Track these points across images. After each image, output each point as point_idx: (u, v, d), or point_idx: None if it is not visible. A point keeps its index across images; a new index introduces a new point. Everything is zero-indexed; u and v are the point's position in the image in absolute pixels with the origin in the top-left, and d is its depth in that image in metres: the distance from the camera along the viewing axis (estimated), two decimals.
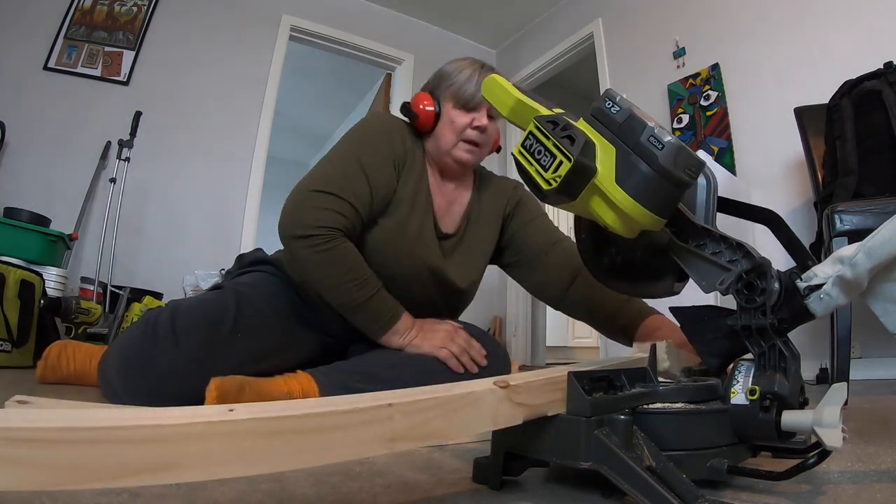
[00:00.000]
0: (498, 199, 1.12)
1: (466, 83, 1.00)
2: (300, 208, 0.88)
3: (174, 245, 2.74)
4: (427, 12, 3.77)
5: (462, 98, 1.00)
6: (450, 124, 1.01)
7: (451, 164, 1.04)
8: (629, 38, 3.03)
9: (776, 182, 2.21)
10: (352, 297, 0.89)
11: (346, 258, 0.89)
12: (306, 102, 5.04)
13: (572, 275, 1.02)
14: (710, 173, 0.55)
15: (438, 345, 0.92)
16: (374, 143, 0.97)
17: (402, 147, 1.00)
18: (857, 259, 0.45)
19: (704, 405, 0.49)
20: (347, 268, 0.88)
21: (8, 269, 1.52)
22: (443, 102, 1.02)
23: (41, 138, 2.50)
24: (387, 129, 1.00)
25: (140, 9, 2.85)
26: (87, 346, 1.14)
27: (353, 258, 0.90)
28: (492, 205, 1.11)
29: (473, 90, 0.99)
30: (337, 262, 0.88)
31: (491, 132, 1.04)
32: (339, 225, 0.88)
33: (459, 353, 0.92)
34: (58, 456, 0.25)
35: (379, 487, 0.46)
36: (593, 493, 0.45)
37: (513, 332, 3.61)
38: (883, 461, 0.58)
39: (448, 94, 1.02)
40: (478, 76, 1.00)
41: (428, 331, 0.94)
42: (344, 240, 0.89)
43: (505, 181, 1.17)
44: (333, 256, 0.87)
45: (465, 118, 1.00)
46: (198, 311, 0.88)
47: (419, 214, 0.99)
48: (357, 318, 0.91)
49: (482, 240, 1.09)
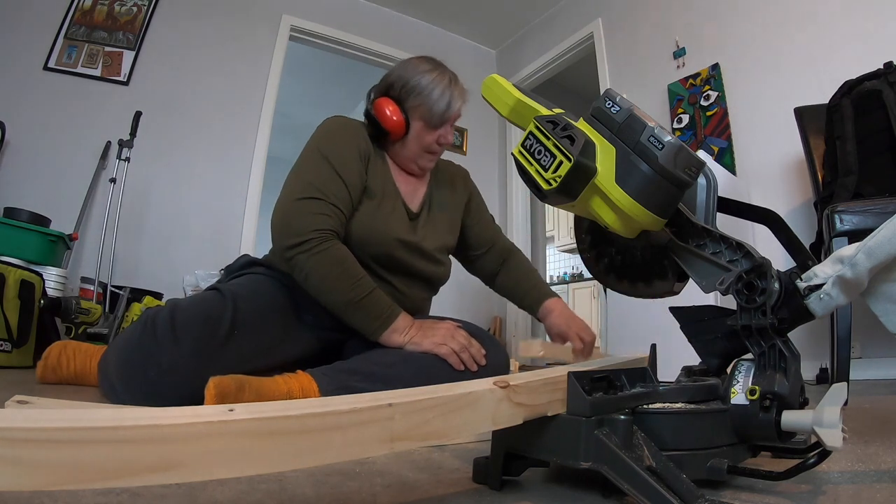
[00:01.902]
0: (454, 182, 1.22)
1: (438, 101, 1.04)
2: (289, 218, 0.92)
3: (174, 245, 2.73)
4: (427, 12, 3.77)
5: (433, 119, 1.05)
6: (417, 139, 1.07)
7: (414, 170, 1.12)
8: (629, 38, 3.03)
9: (776, 182, 2.21)
10: (350, 295, 0.90)
11: (341, 258, 0.92)
12: (306, 102, 5.04)
13: (499, 267, 1.26)
14: (710, 173, 0.55)
15: (438, 342, 0.92)
16: (337, 143, 1.02)
17: (364, 142, 1.05)
18: (857, 259, 0.45)
19: (704, 405, 0.49)
20: (343, 267, 0.91)
21: (8, 269, 1.52)
22: (412, 117, 1.06)
23: (41, 138, 2.50)
24: (346, 128, 1.06)
25: (140, 9, 2.85)
26: (86, 346, 1.14)
27: (347, 257, 0.93)
28: (447, 184, 1.21)
29: (444, 109, 1.05)
30: (334, 263, 0.90)
31: (450, 139, 1.11)
32: (329, 226, 0.92)
33: (460, 350, 0.92)
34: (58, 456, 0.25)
35: (379, 487, 0.46)
36: (593, 493, 0.45)
37: (513, 332, 3.61)
38: (883, 461, 0.58)
39: (418, 113, 1.05)
40: (450, 94, 1.05)
41: (428, 328, 0.94)
42: (336, 241, 0.93)
43: (452, 165, 1.27)
44: (329, 257, 0.90)
45: (432, 136, 1.07)
46: (196, 310, 0.88)
47: (390, 199, 1.06)
48: (356, 318, 0.92)
49: (444, 212, 1.17)
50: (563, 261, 6.48)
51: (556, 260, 6.48)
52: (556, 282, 6.17)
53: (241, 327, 0.89)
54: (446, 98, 1.04)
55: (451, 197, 1.20)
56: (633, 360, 0.72)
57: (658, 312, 0.95)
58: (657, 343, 0.65)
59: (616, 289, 0.66)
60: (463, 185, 1.25)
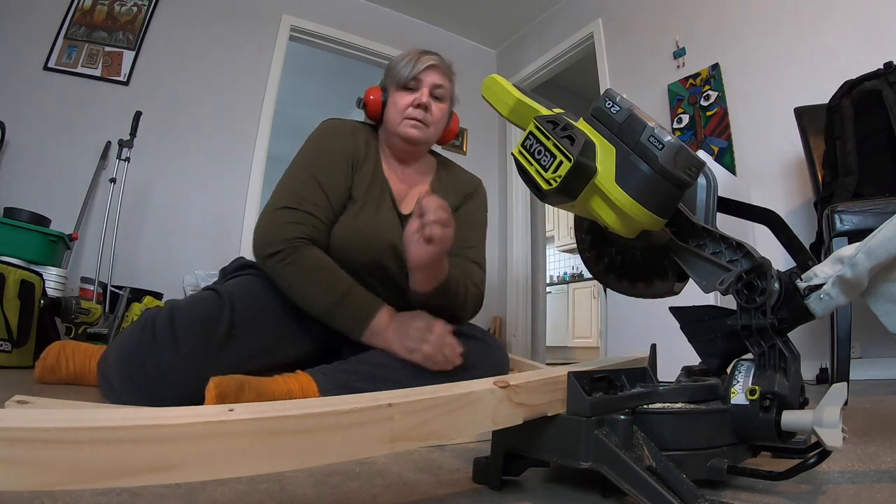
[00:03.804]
0: (461, 186, 1.18)
1: (404, 66, 1.06)
2: (266, 228, 0.94)
3: (174, 245, 2.73)
4: (427, 12, 3.77)
5: (401, 80, 1.06)
6: (394, 106, 1.07)
7: (400, 144, 1.08)
8: (629, 38, 3.03)
9: (776, 182, 2.21)
10: (326, 301, 0.90)
11: (313, 265, 0.92)
12: (306, 102, 5.04)
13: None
14: (710, 173, 0.55)
15: (411, 347, 0.88)
16: (322, 147, 1.04)
17: (352, 144, 1.05)
18: (857, 259, 0.45)
19: (704, 405, 0.49)
20: (316, 274, 0.91)
21: (8, 269, 1.52)
22: (389, 90, 1.09)
23: (41, 138, 2.50)
24: (334, 132, 1.06)
25: (140, 9, 2.85)
26: (85, 346, 1.14)
27: (319, 263, 0.92)
28: (454, 186, 1.17)
29: (409, 70, 1.06)
30: (305, 270, 0.91)
31: (436, 112, 1.08)
32: (300, 234, 0.93)
33: (433, 354, 0.88)
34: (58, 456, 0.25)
35: (379, 487, 0.46)
36: (593, 493, 0.45)
37: (513, 333, 3.61)
38: (883, 461, 0.58)
39: (390, 79, 1.09)
40: (415, 59, 1.07)
41: (403, 330, 0.90)
42: (308, 246, 0.93)
43: (471, 175, 1.24)
44: (300, 264, 0.91)
45: (406, 98, 1.06)
46: (195, 311, 0.88)
47: (374, 200, 1.04)
48: (336, 322, 0.91)
49: None
50: (563, 261, 6.48)
51: (556, 260, 6.48)
52: (556, 282, 6.17)
53: (239, 327, 0.89)
54: (412, 63, 1.06)
55: (454, 193, 1.16)
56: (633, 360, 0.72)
57: (658, 312, 0.95)
58: (657, 343, 0.65)
59: (616, 289, 0.66)
60: (466, 190, 1.18)
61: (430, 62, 1.07)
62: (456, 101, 1.15)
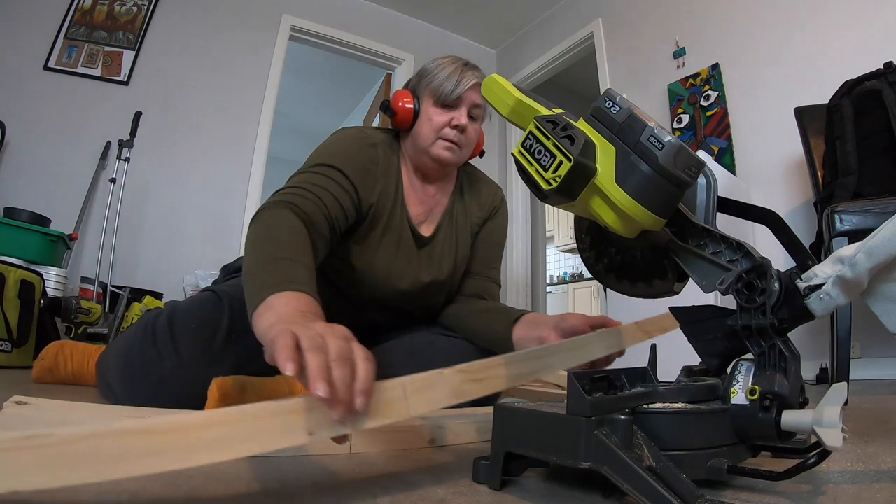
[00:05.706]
0: (484, 201, 1.13)
1: (446, 81, 0.98)
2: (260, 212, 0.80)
3: (174, 245, 2.74)
4: (427, 12, 3.77)
5: (441, 96, 0.98)
6: (428, 122, 0.99)
7: (430, 164, 1.01)
8: (629, 38, 3.03)
9: (776, 182, 2.21)
10: (254, 257, 0.68)
11: (275, 221, 0.75)
12: (306, 102, 5.04)
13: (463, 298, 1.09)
14: (710, 173, 0.55)
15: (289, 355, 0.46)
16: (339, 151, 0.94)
17: (370, 158, 0.96)
18: (857, 259, 0.45)
19: (704, 405, 0.49)
20: (270, 228, 0.74)
21: (8, 269, 1.52)
22: (422, 100, 1.01)
23: (41, 138, 2.50)
24: (351, 140, 0.97)
25: (140, 9, 2.85)
26: (84, 346, 1.14)
27: (280, 223, 0.74)
28: (477, 202, 1.11)
29: (453, 88, 0.97)
30: (263, 224, 0.75)
31: (471, 133, 1.01)
32: (285, 199, 0.80)
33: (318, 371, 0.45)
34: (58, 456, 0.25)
35: (379, 487, 0.46)
36: (593, 493, 0.45)
37: None
38: (883, 461, 0.58)
39: (427, 91, 1.00)
40: (458, 74, 0.98)
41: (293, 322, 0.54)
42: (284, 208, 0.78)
43: (493, 185, 1.17)
44: (264, 221, 0.75)
45: (443, 116, 0.98)
46: (194, 314, 0.87)
47: (394, 230, 0.98)
48: (246, 288, 0.63)
49: (461, 233, 1.08)
50: (563, 261, 6.49)
51: (556, 260, 6.48)
52: (556, 282, 6.18)
53: (239, 329, 0.89)
54: (455, 78, 0.97)
55: (476, 216, 1.11)
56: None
57: (658, 312, 0.95)
58: (657, 343, 0.65)
59: (616, 289, 0.66)
60: (490, 204, 1.13)
61: (475, 80, 0.99)
62: (488, 117, 1.07)
